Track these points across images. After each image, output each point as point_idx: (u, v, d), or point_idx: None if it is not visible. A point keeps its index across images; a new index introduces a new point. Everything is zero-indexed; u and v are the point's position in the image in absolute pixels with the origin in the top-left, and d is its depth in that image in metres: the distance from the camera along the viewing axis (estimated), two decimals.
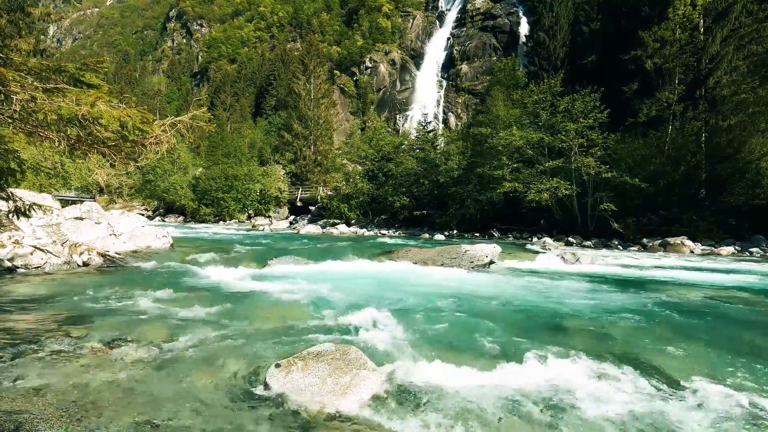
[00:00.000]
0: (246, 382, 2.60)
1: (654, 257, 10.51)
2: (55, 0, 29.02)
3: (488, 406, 2.33)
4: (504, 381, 2.60)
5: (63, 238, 7.50)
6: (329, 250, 10.92)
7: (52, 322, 3.71)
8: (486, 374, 2.69)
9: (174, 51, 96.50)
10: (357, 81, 65.31)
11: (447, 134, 29.43)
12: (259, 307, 4.62)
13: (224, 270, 7.01)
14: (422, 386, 2.54)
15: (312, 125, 37.33)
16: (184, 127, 3.46)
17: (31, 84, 2.84)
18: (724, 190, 14.10)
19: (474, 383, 2.58)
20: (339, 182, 27.32)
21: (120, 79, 62.35)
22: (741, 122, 14.19)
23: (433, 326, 3.92)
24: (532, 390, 2.50)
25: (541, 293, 5.69)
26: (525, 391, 2.49)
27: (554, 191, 15.19)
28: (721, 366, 3.02)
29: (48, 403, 2.16)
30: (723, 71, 15.58)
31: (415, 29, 69.21)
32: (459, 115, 57.87)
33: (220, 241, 13.26)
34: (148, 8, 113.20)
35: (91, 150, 3.38)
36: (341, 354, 2.64)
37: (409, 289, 5.86)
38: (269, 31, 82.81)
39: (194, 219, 31.99)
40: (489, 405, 2.34)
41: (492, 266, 8.23)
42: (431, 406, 2.32)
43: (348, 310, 4.31)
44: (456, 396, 2.42)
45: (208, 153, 37.63)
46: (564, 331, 3.88)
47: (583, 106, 15.26)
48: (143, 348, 3.08)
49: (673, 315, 4.53)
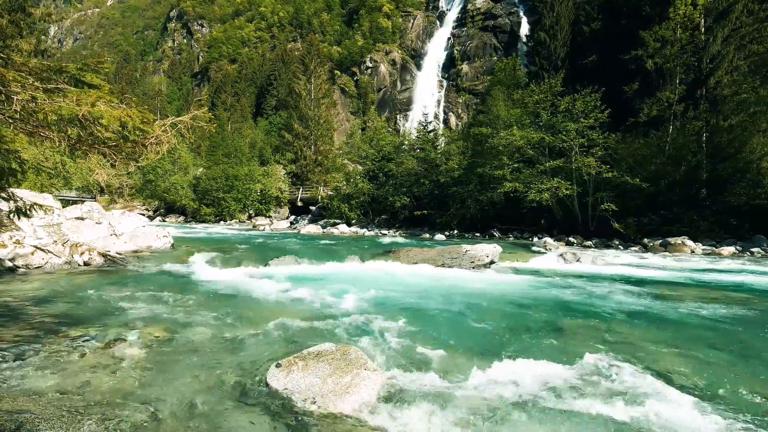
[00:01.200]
0: (247, 381, 2.61)
1: (655, 257, 10.50)
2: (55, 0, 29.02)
3: (489, 406, 2.32)
4: (505, 381, 2.60)
5: (64, 238, 7.50)
6: (330, 250, 10.92)
7: (53, 321, 3.71)
8: (487, 374, 2.69)
9: (175, 51, 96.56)
10: (357, 81, 65.32)
11: (447, 134, 29.41)
12: (260, 307, 4.62)
13: (225, 270, 7.02)
14: (423, 386, 2.53)
15: (312, 125, 37.33)
16: (185, 127, 3.46)
17: (32, 84, 2.84)
18: (725, 189, 14.07)
19: (475, 383, 2.58)
20: (339, 182, 27.32)
21: (121, 79, 62.37)
22: (742, 122, 14.17)
23: (434, 326, 3.92)
24: (533, 390, 2.50)
25: (542, 293, 5.69)
26: (526, 391, 2.49)
27: (555, 191, 15.18)
28: (723, 367, 3.01)
29: (49, 402, 2.16)
30: (724, 71, 15.56)
31: (415, 29, 69.20)
32: (459, 115, 57.87)
33: (220, 241, 13.26)
34: (149, 8, 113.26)
35: (92, 150, 3.38)
36: (342, 354, 2.64)
37: (410, 289, 5.86)
38: (270, 31, 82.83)
39: (195, 219, 32.01)
40: (490, 405, 2.34)
41: (493, 266, 8.23)
42: (432, 406, 2.32)
43: (348, 310, 4.31)
44: (457, 396, 2.42)
45: (209, 153, 37.65)
46: (565, 332, 3.87)
47: (583, 106, 15.24)
48: (144, 348, 3.08)
49: (674, 315, 4.53)
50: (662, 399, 2.43)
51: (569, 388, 2.54)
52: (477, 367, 2.78)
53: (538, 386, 2.55)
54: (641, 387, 2.58)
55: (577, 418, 2.23)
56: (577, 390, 2.52)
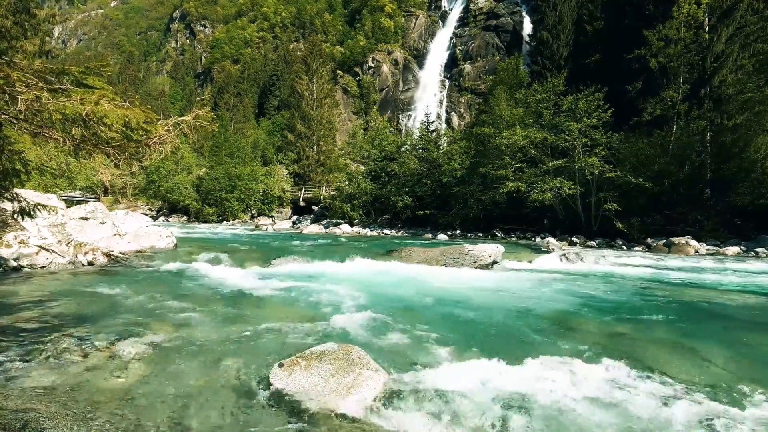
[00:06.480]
0: (249, 381, 2.61)
1: (658, 257, 10.45)
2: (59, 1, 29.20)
3: (491, 407, 2.32)
4: (507, 381, 2.59)
5: (68, 238, 7.54)
6: (332, 250, 10.93)
7: (57, 321, 3.73)
8: (489, 374, 2.68)
9: (177, 52, 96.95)
10: (360, 81, 65.37)
11: (450, 134, 29.36)
12: (262, 307, 4.63)
13: (227, 270, 7.03)
14: (425, 386, 2.53)
15: (315, 125, 37.37)
16: (188, 127, 3.46)
17: (36, 84, 2.85)
18: (729, 189, 13.97)
19: (477, 383, 2.57)
20: (342, 182, 27.33)
21: (124, 80, 62.60)
22: (746, 121, 14.06)
23: (436, 326, 3.92)
24: (535, 390, 2.49)
25: (545, 293, 5.67)
26: (528, 391, 2.48)
27: (558, 191, 15.12)
28: (727, 368, 2.99)
29: (53, 401, 2.17)
30: (728, 70, 15.44)
31: (417, 29, 69.19)
32: (462, 114, 57.82)
33: (223, 241, 13.30)
34: (152, 9, 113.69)
35: (96, 150, 3.39)
36: (344, 354, 2.64)
37: (413, 289, 5.85)
38: (272, 31, 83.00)
39: (198, 219, 32.12)
40: (492, 405, 2.33)
41: (495, 266, 8.21)
42: (434, 407, 2.31)
43: (351, 310, 4.31)
44: (459, 396, 2.42)
45: (212, 153, 37.79)
46: (567, 332, 3.86)
47: (586, 106, 15.18)
48: (147, 347, 3.09)
49: (678, 316, 4.50)
50: (663, 399, 2.42)
51: (572, 388, 2.53)
52: (480, 367, 2.77)
53: (541, 386, 2.54)
54: (644, 388, 2.56)
55: (579, 418, 2.22)
56: (579, 390, 2.51)
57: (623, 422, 2.19)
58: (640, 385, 2.60)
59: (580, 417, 2.23)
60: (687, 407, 2.32)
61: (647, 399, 2.42)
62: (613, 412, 2.27)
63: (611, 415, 2.25)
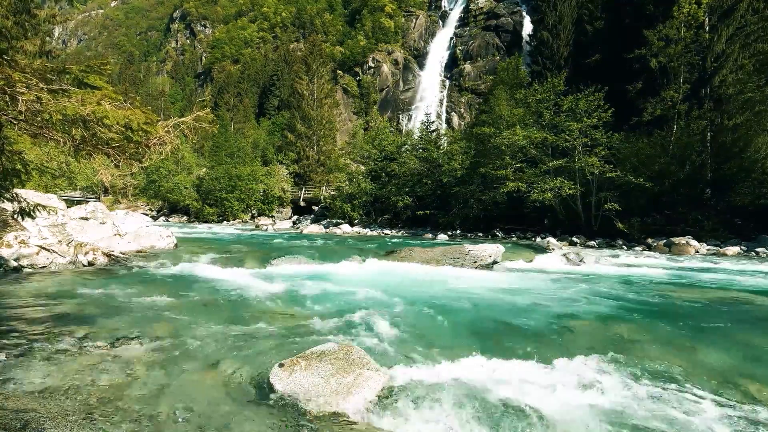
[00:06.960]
0: (249, 381, 2.61)
1: (659, 257, 10.44)
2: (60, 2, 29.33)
3: (492, 407, 2.32)
4: (508, 381, 2.59)
5: (68, 238, 7.55)
6: (332, 250, 10.93)
7: (57, 321, 3.73)
8: (491, 374, 2.68)
9: (178, 52, 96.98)
10: (360, 81, 65.37)
11: (450, 134, 29.37)
12: (262, 307, 4.63)
13: (228, 270, 7.03)
14: (425, 386, 2.53)
15: (315, 125, 37.38)
16: (188, 127, 3.47)
17: (37, 85, 2.86)
18: (730, 189, 13.96)
19: (478, 383, 2.57)
20: (342, 182, 27.34)
21: (124, 80, 62.68)
22: (747, 121, 14.05)
23: (437, 326, 3.92)
24: (536, 390, 2.49)
25: (545, 293, 5.67)
26: (529, 391, 2.48)
27: (558, 191, 15.12)
28: (727, 368, 2.99)
29: (54, 401, 2.17)
30: (728, 70, 15.42)
31: (418, 29, 69.18)
32: (462, 114, 57.80)
33: (223, 241, 13.31)
34: (152, 9, 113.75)
35: (96, 151, 3.39)
36: (344, 354, 2.64)
37: (413, 289, 5.85)
38: (272, 31, 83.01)
39: (198, 219, 32.12)
40: (493, 405, 2.33)
41: (496, 266, 8.20)
42: (434, 406, 2.31)
43: (351, 310, 4.31)
44: (459, 396, 2.42)
45: (212, 153, 37.78)
46: (568, 332, 3.86)
47: (586, 105, 15.17)
48: (147, 347, 3.10)
49: (678, 316, 4.50)
50: (663, 399, 2.42)
51: (573, 387, 2.53)
52: (480, 367, 2.77)
53: (541, 386, 2.54)
54: (645, 389, 2.56)
55: (580, 418, 2.22)
56: (580, 390, 2.51)
57: (624, 422, 2.19)
58: (641, 385, 2.60)
59: (581, 417, 2.23)
60: (689, 407, 2.32)
61: (648, 399, 2.42)
62: (615, 412, 2.27)
63: (612, 415, 2.25)
